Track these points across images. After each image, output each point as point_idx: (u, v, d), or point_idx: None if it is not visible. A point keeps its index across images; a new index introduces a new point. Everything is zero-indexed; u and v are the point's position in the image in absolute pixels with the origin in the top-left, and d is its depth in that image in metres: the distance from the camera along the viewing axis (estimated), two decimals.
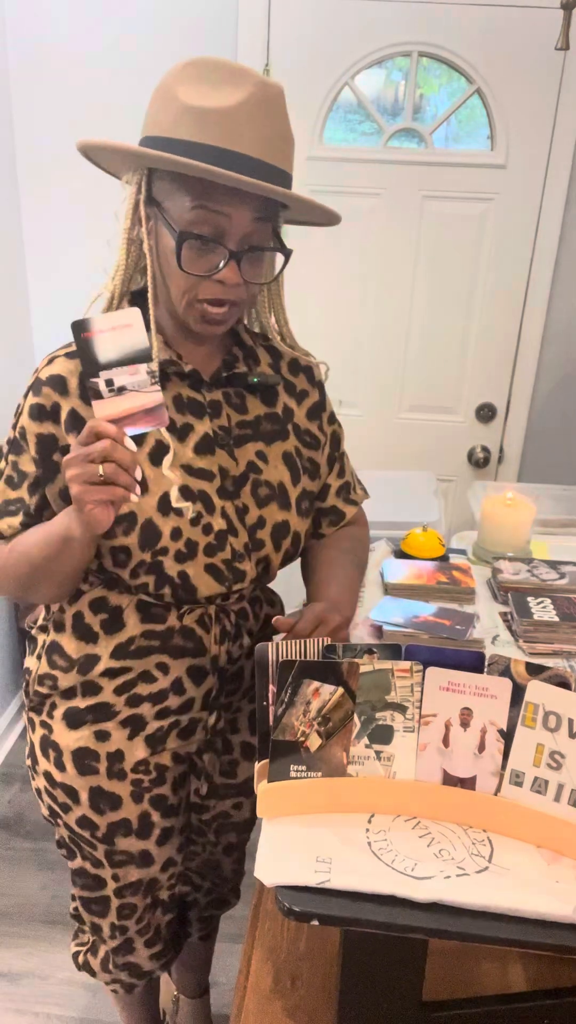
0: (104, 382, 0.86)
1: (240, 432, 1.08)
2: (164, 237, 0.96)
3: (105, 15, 2.16)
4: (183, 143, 0.90)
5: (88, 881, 1.21)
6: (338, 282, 2.37)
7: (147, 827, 1.17)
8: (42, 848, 2.15)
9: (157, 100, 0.94)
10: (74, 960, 1.35)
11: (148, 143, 0.93)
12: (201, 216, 0.92)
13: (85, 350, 0.86)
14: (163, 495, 1.00)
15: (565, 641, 1.26)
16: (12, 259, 2.36)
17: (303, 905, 0.80)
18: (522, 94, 2.15)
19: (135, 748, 1.12)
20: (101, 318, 0.86)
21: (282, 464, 1.11)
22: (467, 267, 2.33)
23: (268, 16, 2.14)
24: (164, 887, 1.25)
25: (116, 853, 1.17)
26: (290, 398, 1.15)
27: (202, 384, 1.06)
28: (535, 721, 0.86)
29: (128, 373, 0.86)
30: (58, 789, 1.14)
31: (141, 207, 0.96)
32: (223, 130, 0.89)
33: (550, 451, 2.50)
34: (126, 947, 1.26)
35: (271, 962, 1.20)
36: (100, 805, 1.13)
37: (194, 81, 0.91)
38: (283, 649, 0.89)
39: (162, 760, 1.15)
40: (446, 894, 0.80)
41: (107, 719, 1.10)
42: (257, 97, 0.90)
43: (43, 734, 1.14)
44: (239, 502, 1.06)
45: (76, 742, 1.11)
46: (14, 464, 1.04)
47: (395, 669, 0.88)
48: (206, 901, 1.44)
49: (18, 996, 1.78)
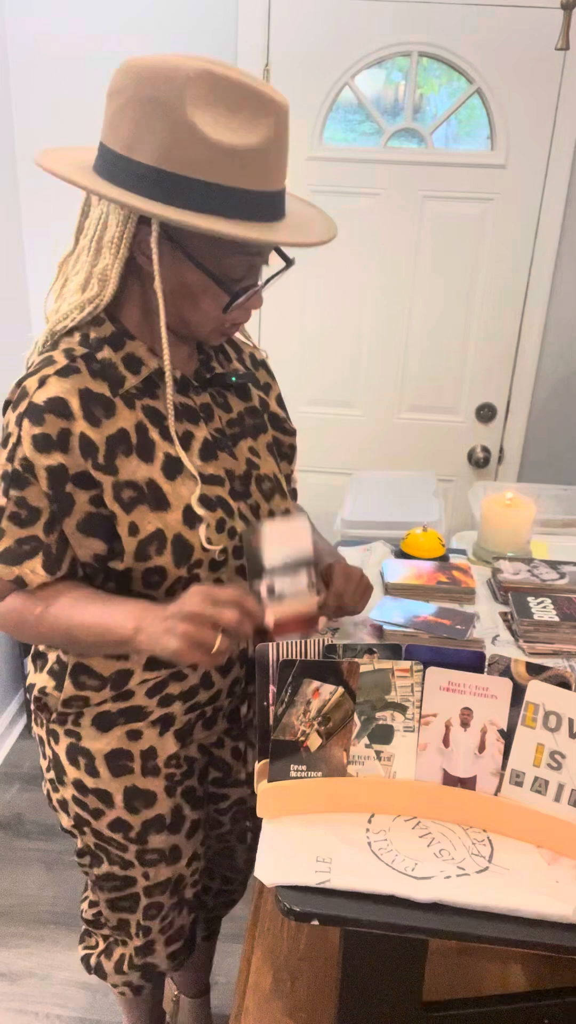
0: (266, 588, 0.90)
1: (231, 431, 1.08)
2: (187, 273, 0.92)
3: (105, 15, 2.16)
4: (219, 188, 0.85)
5: (116, 883, 1.21)
6: (338, 282, 2.37)
7: (179, 820, 1.17)
8: (42, 848, 2.15)
9: (160, 119, 0.84)
10: (84, 963, 1.35)
11: (165, 178, 0.85)
12: (240, 260, 0.92)
13: (253, 555, 0.89)
14: (185, 508, 0.98)
15: (565, 641, 1.26)
16: (12, 259, 2.36)
17: (303, 905, 0.80)
18: (522, 94, 2.15)
19: (166, 743, 1.11)
20: (272, 526, 0.90)
21: (269, 455, 1.13)
22: (467, 267, 2.33)
23: (268, 16, 2.14)
24: (188, 884, 1.25)
25: (148, 852, 1.17)
26: (257, 390, 1.16)
27: (189, 388, 1.05)
28: (535, 721, 0.86)
29: (289, 580, 0.90)
30: (90, 796, 1.13)
31: (153, 242, 0.89)
32: (256, 171, 0.86)
33: (550, 451, 2.50)
34: (148, 947, 1.27)
35: (271, 962, 1.20)
36: (135, 804, 1.13)
37: (209, 105, 0.84)
38: (283, 649, 0.89)
39: (190, 752, 1.16)
40: (446, 894, 0.80)
41: (139, 720, 1.10)
42: (281, 127, 0.87)
43: (70, 743, 1.11)
44: (251, 500, 1.07)
45: (108, 745, 1.10)
46: (18, 500, 0.94)
47: (395, 669, 0.88)
48: (214, 903, 1.45)
49: (18, 996, 1.78)
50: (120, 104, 0.87)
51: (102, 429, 0.94)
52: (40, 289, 2.44)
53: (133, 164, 0.87)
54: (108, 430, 0.94)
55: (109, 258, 0.93)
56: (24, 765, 2.43)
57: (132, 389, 0.98)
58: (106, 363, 0.96)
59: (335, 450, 2.55)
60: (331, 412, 2.52)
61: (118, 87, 0.88)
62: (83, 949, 1.36)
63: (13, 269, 2.37)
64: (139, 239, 0.92)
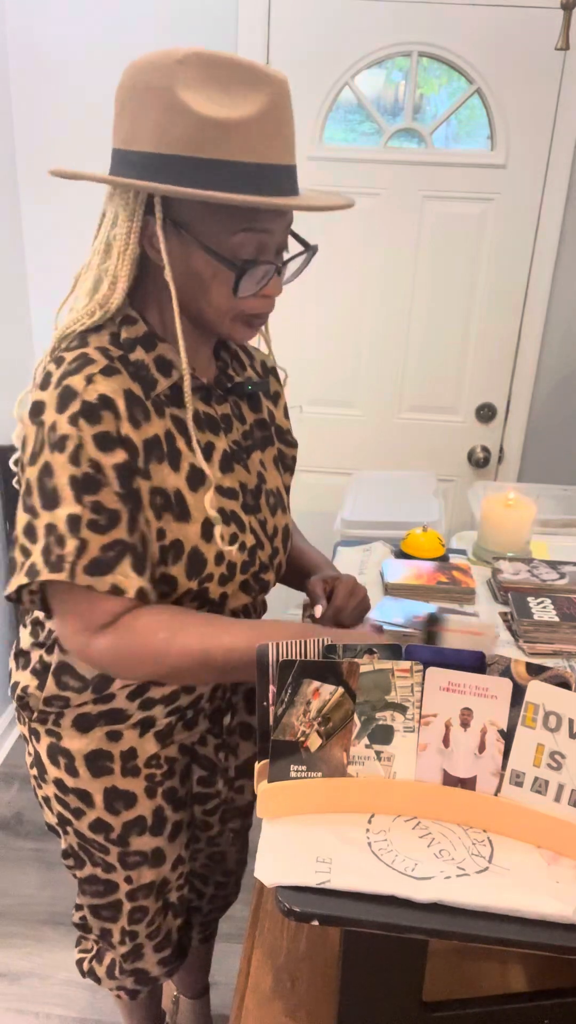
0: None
1: (245, 443, 1.08)
2: (195, 259, 0.90)
3: (105, 15, 2.16)
4: (213, 163, 0.83)
5: (99, 888, 1.20)
6: (338, 282, 2.37)
7: (161, 822, 1.16)
8: (42, 848, 2.15)
9: (152, 106, 0.84)
10: (78, 967, 1.35)
11: (161, 161, 0.85)
12: (246, 239, 0.89)
13: (431, 643, 0.91)
14: (204, 521, 0.98)
15: (565, 641, 1.26)
16: (12, 259, 2.36)
17: (303, 905, 0.80)
18: (522, 94, 2.15)
19: (146, 744, 1.11)
20: (456, 621, 0.88)
21: (274, 469, 1.12)
22: (467, 267, 2.33)
23: (268, 16, 2.14)
24: (174, 888, 1.25)
25: (130, 854, 1.16)
26: (266, 400, 1.15)
27: (212, 397, 1.03)
28: (535, 721, 0.86)
29: None
30: (70, 795, 1.13)
31: (159, 229, 0.88)
32: (254, 142, 0.84)
33: (550, 451, 2.50)
34: (135, 953, 1.26)
35: (271, 962, 1.20)
36: (115, 805, 1.13)
37: (199, 84, 0.83)
38: (283, 649, 0.89)
39: (170, 753, 1.15)
40: (446, 894, 0.80)
41: (119, 722, 1.09)
42: (277, 98, 0.85)
43: (51, 742, 1.12)
44: (260, 515, 1.07)
45: (88, 745, 1.09)
46: (94, 505, 0.88)
47: (395, 669, 0.88)
48: (209, 908, 1.45)
49: (18, 996, 1.78)
50: (121, 103, 0.88)
51: (140, 432, 0.92)
52: (41, 288, 2.44)
53: (132, 155, 0.87)
54: (145, 434, 0.93)
55: (117, 255, 0.91)
56: (24, 765, 2.44)
57: (162, 395, 0.96)
58: (139, 364, 0.94)
59: (335, 450, 2.55)
60: (331, 412, 2.52)
61: (119, 88, 0.88)
62: (78, 953, 1.36)
63: (13, 269, 2.37)
64: (147, 232, 0.91)
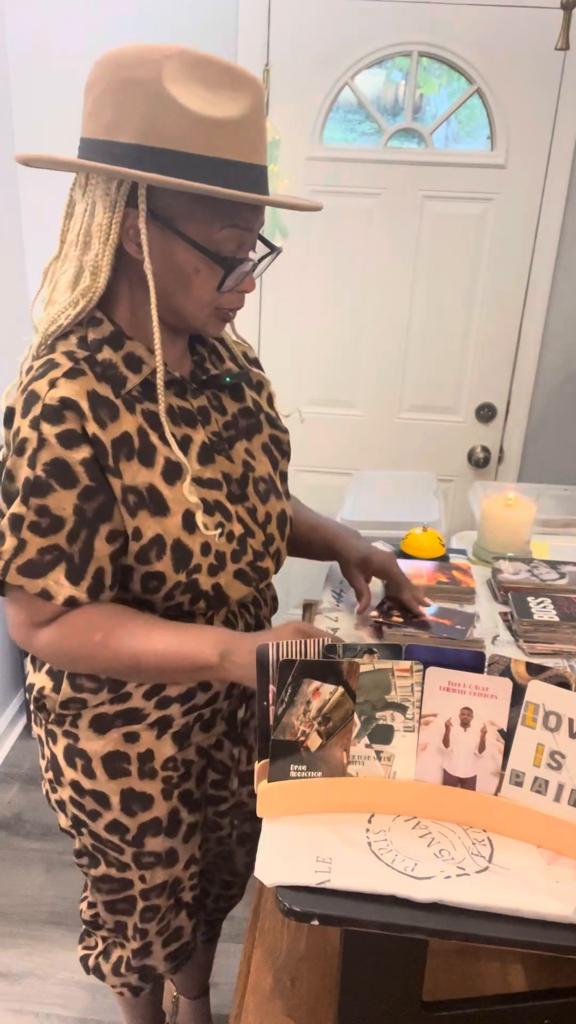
0: None
1: (227, 434, 1.08)
2: (178, 253, 0.91)
3: (105, 15, 2.16)
4: (204, 159, 0.85)
5: (113, 886, 1.20)
6: (338, 282, 2.37)
7: (176, 824, 1.17)
8: (42, 848, 2.15)
9: (142, 101, 0.84)
10: (83, 964, 1.35)
11: (148, 154, 0.85)
12: (231, 235, 0.91)
13: None
14: (184, 513, 0.98)
15: (565, 641, 1.26)
16: (12, 259, 2.36)
17: (303, 905, 0.80)
18: (522, 94, 2.15)
19: (164, 746, 1.11)
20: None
21: (263, 455, 1.13)
22: (467, 267, 2.33)
23: (268, 16, 2.14)
24: (186, 887, 1.25)
25: (144, 855, 1.16)
26: (250, 389, 1.15)
27: (187, 391, 1.04)
28: (535, 721, 0.86)
29: None
30: (87, 797, 1.12)
31: (141, 222, 0.89)
32: (239, 142, 0.86)
33: (550, 451, 2.50)
34: (144, 950, 1.26)
35: (271, 962, 1.20)
36: (132, 806, 1.12)
37: (186, 81, 0.85)
38: (283, 649, 0.89)
39: (188, 755, 1.15)
40: (446, 894, 0.80)
41: (136, 722, 1.09)
42: (257, 101, 0.89)
43: (68, 744, 1.11)
44: (248, 503, 1.07)
45: (105, 747, 1.09)
46: (39, 508, 0.90)
47: (395, 669, 0.88)
48: (214, 907, 1.45)
49: (18, 996, 1.78)
50: (99, 93, 0.88)
51: (108, 432, 0.93)
52: None
53: (116, 145, 0.87)
54: (113, 433, 0.94)
55: (99, 246, 0.91)
56: (24, 765, 2.44)
57: (133, 391, 0.97)
58: (107, 364, 0.95)
59: (335, 450, 2.55)
60: (331, 412, 2.52)
61: (95, 78, 0.89)
62: (82, 949, 1.36)
63: (13, 269, 2.37)
64: (127, 225, 0.91)
